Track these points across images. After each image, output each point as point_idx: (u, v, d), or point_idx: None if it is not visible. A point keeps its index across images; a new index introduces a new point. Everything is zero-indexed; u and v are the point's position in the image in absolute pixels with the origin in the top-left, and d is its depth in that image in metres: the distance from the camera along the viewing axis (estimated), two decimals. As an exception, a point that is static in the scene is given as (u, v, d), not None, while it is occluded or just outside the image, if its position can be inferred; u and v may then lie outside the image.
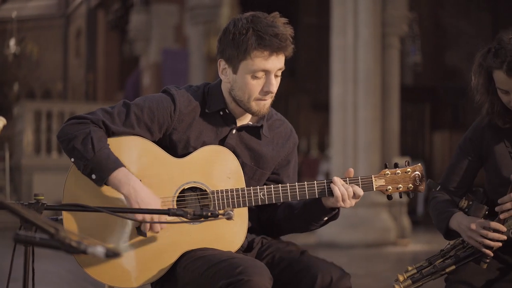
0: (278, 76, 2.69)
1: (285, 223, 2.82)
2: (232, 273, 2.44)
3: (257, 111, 2.71)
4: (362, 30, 9.70)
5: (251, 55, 2.61)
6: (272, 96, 2.71)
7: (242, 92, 2.68)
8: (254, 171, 2.79)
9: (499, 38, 2.79)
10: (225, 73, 2.72)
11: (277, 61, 2.64)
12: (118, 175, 2.56)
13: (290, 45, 2.64)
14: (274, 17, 2.64)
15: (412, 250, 9.63)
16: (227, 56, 2.67)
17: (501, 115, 2.87)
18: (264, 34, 2.58)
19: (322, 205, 2.70)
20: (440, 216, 2.91)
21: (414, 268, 2.86)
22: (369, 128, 9.75)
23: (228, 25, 2.67)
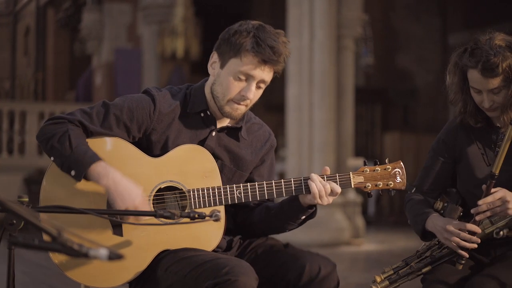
0: (260, 87, 2.71)
1: (262, 224, 2.84)
2: (218, 274, 2.45)
3: (229, 113, 2.73)
4: (318, 31, 9.77)
5: (242, 56, 2.64)
6: (248, 104, 2.73)
7: (221, 88, 2.71)
8: (233, 172, 2.81)
9: (476, 38, 2.85)
10: (213, 66, 2.75)
11: (263, 71, 2.66)
12: (96, 168, 2.57)
13: (282, 63, 2.67)
14: (279, 33, 2.69)
15: (366, 250, 9.73)
16: (221, 50, 2.71)
17: (473, 114, 2.93)
18: (261, 41, 2.62)
19: (299, 204, 2.72)
20: (417, 218, 2.96)
21: (391, 269, 2.90)
22: (324, 129, 9.83)
23: (235, 25, 2.71)
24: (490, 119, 2.94)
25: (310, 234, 9.63)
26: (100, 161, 2.59)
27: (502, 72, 2.76)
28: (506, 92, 2.80)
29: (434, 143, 3.08)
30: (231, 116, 2.74)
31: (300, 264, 2.63)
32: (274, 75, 2.72)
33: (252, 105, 2.76)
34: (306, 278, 2.61)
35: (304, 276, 2.61)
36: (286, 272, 2.65)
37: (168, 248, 2.66)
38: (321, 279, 2.61)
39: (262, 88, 2.73)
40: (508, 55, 2.77)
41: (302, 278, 2.61)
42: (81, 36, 15.60)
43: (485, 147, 2.94)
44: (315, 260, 2.64)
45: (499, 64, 2.75)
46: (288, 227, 2.83)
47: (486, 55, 2.76)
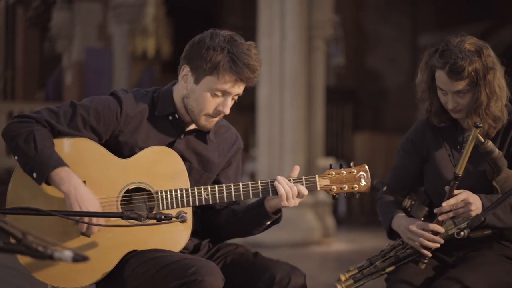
0: (234, 99, 2.74)
1: (228, 228, 2.86)
2: (185, 274, 2.47)
3: (204, 126, 2.76)
4: (289, 32, 9.81)
5: (219, 75, 2.65)
6: (222, 116, 2.75)
7: (197, 104, 2.72)
8: (201, 174, 2.82)
9: (448, 40, 2.88)
10: (185, 79, 2.74)
11: (239, 87, 2.69)
12: (59, 173, 2.56)
13: (257, 78, 2.70)
14: (250, 45, 2.69)
15: (336, 249, 9.79)
16: (194, 65, 2.70)
17: (438, 114, 2.97)
18: (238, 60, 2.62)
19: (265, 209, 2.74)
20: (384, 217, 3.00)
21: (356, 268, 2.93)
22: (295, 129, 9.87)
23: (205, 37, 2.69)
24: (457, 120, 2.99)
25: (280, 234, 9.66)
26: (64, 167, 2.58)
27: (467, 76, 2.79)
28: (471, 96, 2.84)
29: (402, 142, 3.11)
30: (206, 128, 2.78)
31: (270, 274, 2.65)
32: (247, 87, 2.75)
33: None
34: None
35: (274, 286, 2.63)
36: (255, 282, 2.68)
37: (135, 249, 2.67)
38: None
39: (235, 99, 2.76)
40: (475, 60, 2.80)
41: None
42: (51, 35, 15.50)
43: (451, 148, 2.99)
44: (285, 270, 2.67)
45: (465, 67, 2.78)
46: (254, 232, 2.86)
47: (455, 57, 2.80)
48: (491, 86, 2.83)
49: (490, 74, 2.82)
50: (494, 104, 2.84)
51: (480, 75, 2.81)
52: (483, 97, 2.82)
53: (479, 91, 2.82)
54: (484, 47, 2.85)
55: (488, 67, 2.82)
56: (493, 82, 2.83)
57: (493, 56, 2.87)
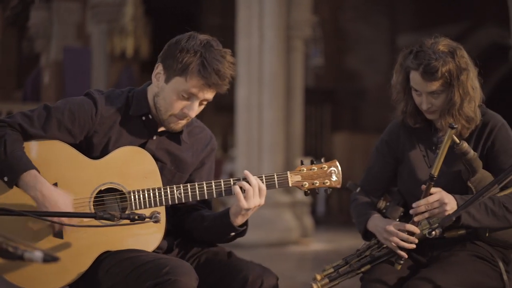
0: (202, 104, 2.73)
1: (194, 233, 2.86)
2: (159, 274, 2.47)
3: (170, 127, 2.76)
4: (268, 32, 9.82)
5: (187, 77, 2.64)
6: (189, 119, 2.75)
7: (164, 103, 2.72)
8: (173, 174, 2.82)
9: (422, 41, 2.91)
10: (158, 78, 2.74)
11: (208, 93, 2.68)
12: (26, 177, 2.56)
13: (227, 85, 2.69)
14: (225, 52, 2.68)
15: (314, 249, 9.82)
16: (167, 64, 2.70)
17: (412, 115, 3.00)
18: (208, 65, 2.62)
19: (230, 222, 2.74)
20: (359, 218, 3.02)
21: (331, 267, 2.95)
22: (273, 129, 9.88)
23: (183, 38, 2.69)
24: (431, 121, 3.01)
25: (258, 234, 9.67)
26: (32, 170, 2.57)
27: (441, 76, 2.82)
28: (444, 97, 2.87)
29: (377, 143, 3.14)
30: (172, 129, 2.77)
31: (243, 276, 2.66)
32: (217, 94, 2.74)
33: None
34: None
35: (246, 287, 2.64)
36: (229, 284, 2.68)
37: (109, 249, 2.66)
38: None
39: (204, 105, 2.75)
40: (449, 61, 2.83)
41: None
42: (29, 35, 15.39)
43: (426, 149, 3.01)
44: (257, 272, 2.67)
45: (439, 68, 2.81)
46: (218, 242, 2.87)
47: (428, 58, 2.83)
48: (465, 86, 2.86)
49: (463, 75, 2.85)
50: (467, 105, 2.87)
51: (454, 76, 2.84)
52: (456, 98, 2.85)
53: (453, 91, 2.85)
54: (457, 48, 2.88)
55: (462, 68, 2.85)
56: (466, 83, 2.86)
57: (466, 57, 2.90)
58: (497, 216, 2.79)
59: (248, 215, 2.73)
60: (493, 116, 2.95)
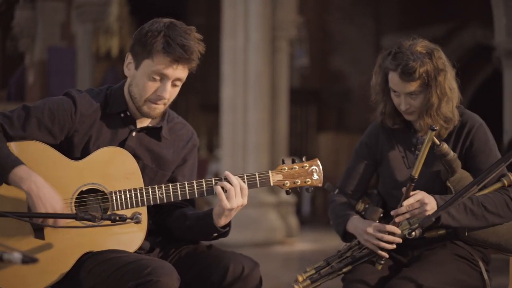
0: (176, 85, 2.73)
1: (177, 232, 2.86)
2: (141, 274, 2.47)
3: (147, 113, 2.75)
4: (253, 33, 9.83)
5: (154, 57, 2.65)
6: (165, 102, 2.74)
7: (137, 90, 2.72)
8: (155, 172, 2.82)
9: (400, 42, 2.94)
10: (129, 67, 2.76)
11: (176, 70, 2.67)
12: (18, 171, 2.55)
13: (195, 60, 2.68)
14: (190, 29, 2.69)
15: (299, 249, 9.83)
16: (134, 51, 2.72)
17: (391, 116, 3.03)
18: (171, 41, 2.63)
19: (212, 222, 2.74)
20: (338, 219, 3.03)
21: (313, 269, 2.96)
22: (258, 129, 9.89)
23: (146, 24, 2.71)
24: (410, 122, 3.03)
25: (243, 234, 9.68)
26: (22, 165, 2.57)
27: (419, 77, 2.85)
28: (422, 98, 2.90)
29: (357, 145, 3.16)
30: (150, 115, 2.76)
31: (224, 265, 2.67)
32: (190, 71, 2.74)
33: (170, 102, 2.77)
34: (230, 278, 2.66)
35: (228, 276, 2.65)
36: (210, 274, 2.69)
37: (91, 250, 2.66)
38: (244, 278, 2.66)
39: (179, 86, 2.74)
40: (426, 62, 2.87)
41: (226, 278, 2.66)
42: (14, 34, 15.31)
43: (405, 150, 3.03)
44: (238, 260, 2.68)
45: (416, 69, 2.84)
46: (201, 240, 2.87)
47: (406, 59, 2.86)
48: (442, 87, 2.89)
49: (441, 75, 2.88)
50: (445, 105, 2.90)
51: (431, 77, 2.87)
52: (434, 98, 2.88)
53: (430, 92, 2.88)
54: (435, 50, 2.92)
55: (439, 69, 2.88)
56: (443, 84, 2.89)
57: (444, 58, 2.93)
58: (476, 215, 2.82)
59: (231, 216, 2.74)
60: (471, 117, 2.98)
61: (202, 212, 2.80)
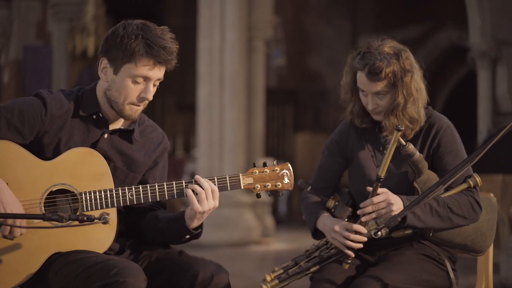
0: (155, 85, 2.76)
1: (149, 234, 2.86)
2: (107, 275, 2.47)
3: (129, 115, 2.76)
4: (229, 33, 9.84)
5: (136, 61, 2.67)
6: (146, 103, 2.77)
7: (119, 94, 2.73)
8: (126, 174, 2.82)
9: (369, 43, 2.98)
10: (105, 72, 2.75)
11: (159, 71, 2.72)
12: None
13: (174, 60, 2.72)
14: (163, 30, 2.72)
15: (275, 249, 9.86)
16: (111, 56, 2.72)
17: (359, 115, 3.06)
18: (153, 44, 2.66)
19: (184, 224, 2.75)
20: (309, 217, 3.06)
21: (281, 268, 2.98)
22: (234, 129, 9.90)
23: (118, 27, 2.72)
24: (378, 122, 3.06)
25: (219, 234, 9.69)
26: None
27: (385, 77, 2.89)
28: (389, 98, 2.94)
29: (327, 142, 3.19)
30: (131, 117, 2.78)
31: (193, 272, 2.67)
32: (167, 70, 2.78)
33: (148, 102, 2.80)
34: (199, 286, 2.66)
35: (197, 284, 2.66)
36: (179, 281, 2.69)
37: (60, 251, 2.65)
38: (213, 286, 2.67)
39: (157, 85, 2.78)
40: (393, 62, 2.90)
41: (194, 286, 2.66)
42: (-12, 33, 15.20)
43: (374, 150, 3.06)
44: (208, 268, 2.69)
45: (383, 69, 2.88)
46: (173, 243, 2.88)
47: (374, 59, 2.89)
48: (408, 88, 2.92)
49: (407, 76, 2.91)
50: (411, 106, 2.93)
51: (398, 77, 2.90)
52: (400, 99, 2.92)
53: (397, 92, 2.92)
54: (402, 51, 2.95)
55: (406, 70, 2.91)
56: (410, 84, 2.92)
57: (411, 59, 2.96)
58: (441, 217, 2.85)
59: (203, 218, 2.74)
60: (439, 118, 3.01)
61: (174, 215, 2.81)
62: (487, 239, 3.00)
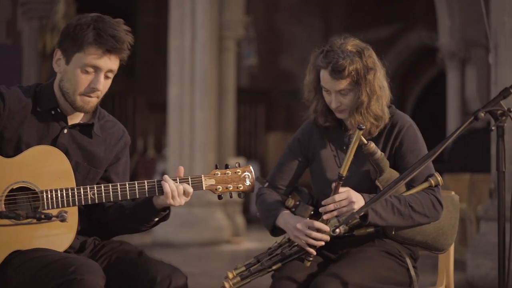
0: (109, 77, 2.75)
1: (116, 224, 2.86)
2: (65, 273, 2.46)
3: (81, 106, 2.75)
4: (200, 32, 9.83)
5: (85, 49, 2.67)
6: (99, 95, 2.76)
7: (70, 84, 2.72)
8: (88, 170, 2.81)
9: (332, 41, 2.99)
10: (59, 63, 2.76)
11: (109, 61, 2.70)
12: None
13: (126, 50, 2.71)
14: (118, 21, 2.72)
15: (246, 248, 9.87)
16: (64, 46, 2.72)
17: (323, 114, 3.07)
18: (102, 33, 2.65)
19: (153, 206, 2.75)
20: (268, 213, 3.05)
21: (243, 266, 2.98)
22: (205, 128, 9.89)
23: (73, 19, 2.72)
24: (342, 121, 3.08)
25: (189, 234, 9.68)
26: None
27: (348, 75, 2.90)
28: (353, 96, 2.95)
29: (290, 141, 3.19)
30: (84, 109, 2.77)
31: (151, 277, 2.66)
32: (121, 63, 2.76)
33: (103, 96, 2.78)
34: None
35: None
36: (137, 284, 2.68)
37: (19, 249, 2.64)
38: None
39: (111, 78, 2.76)
40: (356, 60, 2.92)
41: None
42: (-43, 30, 15.04)
43: (337, 149, 3.07)
44: (166, 272, 2.68)
45: (346, 67, 2.89)
46: (141, 228, 2.86)
47: (336, 57, 2.91)
48: (372, 85, 2.94)
49: (370, 74, 2.93)
50: (375, 103, 2.95)
51: (361, 75, 2.92)
52: (364, 97, 2.93)
53: (360, 90, 2.93)
54: (365, 49, 2.97)
55: (368, 68, 2.93)
56: (373, 82, 2.94)
57: (374, 57, 2.98)
58: (403, 215, 2.87)
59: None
60: (401, 117, 3.04)
61: (140, 200, 2.79)
62: (449, 237, 3.03)
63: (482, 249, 5.80)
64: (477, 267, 5.88)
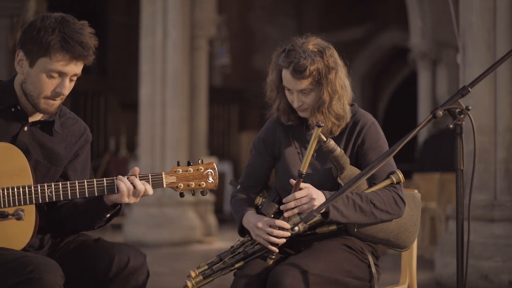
0: (72, 80, 2.72)
1: (70, 221, 2.83)
2: (23, 272, 2.44)
3: (44, 109, 2.73)
4: (171, 30, 9.79)
5: (52, 55, 2.63)
6: (63, 98, 2.74)
7: (34, 87, 2.69)
8: (48, 168, 2.79)
9: (293, 40, 2.99)
10: (21, 64, 2.72)
11: (75, 67, 2.68)
12: None
13: (92, 55, 2.69)
14: (83, 24, 2.69)
15: (217, 247, 9.84)
16: (27, 48, 2.68)
17: (286, 113, 3.08)
18: (69, 39, 2.62)
19: (104, 203, 2.74)
20: (236, 214, 3.07)
21: (206, 264, 2.98)
22: (177, 127, 9.86)
23: (36, 20, 2.67)
24: (304, 119, 3.08)
25: (161, 233, 9.64)
26: None
27: (309, 75, 2.91)
28: (314, 95, 2.96)
29: (255, 141, 3.20)
30: (47, 111, 2.74)
31: (109, 256, 2.67)
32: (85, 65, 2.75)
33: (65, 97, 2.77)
34: (115, 269, 2.65)
35: (113, 267, 2.65)
36: (96, 265, 2.68)
37: None
38: (130, 270, 2.67)
39: (74, 80, 2.74)
40: (317, 60, 2.93)
41: (111, 270, 2.66)
42: None
43: (301, 146, 3.08)
44: (124, 251, 2.68)
45: (307, 67, 2.90)
46: (95, 225, 2.85)
47: (298, 57, 2.91)
48: (333, 85, 2.95)
49: (331, 73, 2.94)
50: (337, 103, 2.96)
51: (322, 74, 2.93)
52: (325, 96, 2.94)
53: (322, 90, 2.94)
54: (326, 48, 2.98)
55: (330, 67, 2.94)
56: (334, 81, 2.95)
57: (335, 56, 2.99)
58: (364, 212, 2.87)
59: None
60: (363, 115, 3.05)
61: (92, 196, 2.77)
62: (411, 234, 3.04)
63: (450, 248, 5.83)
64: (445, 266, 5.91)
